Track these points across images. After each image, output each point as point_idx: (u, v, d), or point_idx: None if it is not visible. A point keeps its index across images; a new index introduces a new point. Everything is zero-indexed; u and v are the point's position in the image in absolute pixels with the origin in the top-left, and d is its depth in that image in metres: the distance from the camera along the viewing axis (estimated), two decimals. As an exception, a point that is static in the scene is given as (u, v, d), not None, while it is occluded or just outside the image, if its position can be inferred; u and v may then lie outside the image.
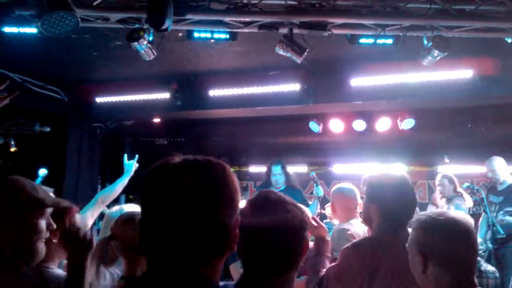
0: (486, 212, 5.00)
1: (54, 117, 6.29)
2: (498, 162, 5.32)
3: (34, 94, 5.70)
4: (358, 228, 2.97)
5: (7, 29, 3.78)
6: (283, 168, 5.45)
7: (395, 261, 2.06)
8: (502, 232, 4.71)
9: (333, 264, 2.24)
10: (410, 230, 2.12)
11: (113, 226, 2.08)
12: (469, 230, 1.66)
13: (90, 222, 3.02)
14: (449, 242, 1.62)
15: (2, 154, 6.30)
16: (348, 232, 2.90)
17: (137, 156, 3.59)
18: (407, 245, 1.75)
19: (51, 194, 2.87)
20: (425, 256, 1.63)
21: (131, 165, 3.48)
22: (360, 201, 3.18)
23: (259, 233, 1.41)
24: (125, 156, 3.63)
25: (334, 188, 3.35)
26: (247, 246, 1.40)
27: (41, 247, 1.45)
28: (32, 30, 3.81)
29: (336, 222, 3.59)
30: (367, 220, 2.39)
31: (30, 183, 1.50)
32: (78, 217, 1.79)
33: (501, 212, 5.05)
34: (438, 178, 5.71)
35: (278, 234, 1.42)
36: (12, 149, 6.08)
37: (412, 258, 1.70)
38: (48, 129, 6.15)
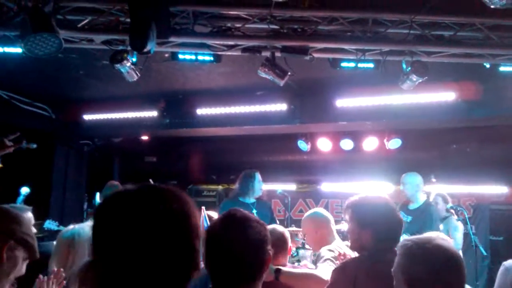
0: (469, 233, 5.01)
1: (41, 134, 6.26)
2: (410, 178, 4.97)
3: (21, 111, 5.72)
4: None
5: (-9, 49, 3.82)
6: (253, 179, 4.94)
7: (380, 282, 2.01)
8: (485, 253, 4.72)
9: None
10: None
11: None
12: (457, 259, 1.62)
13: None
14: (435, 271, 1.57)
15: (-13, 171, 6.27)
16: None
17: None
18: (392, 270, 1.71)
19: (29, 213, 2.85)
20: (410, 284, 1.60)
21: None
22: (332, 227, 3.14)
23: (224, 248, 1.54)
24: None
25: (305, 216, 3.23)
26: (214, 260, 1.54)
27: None
28: (17, 50, 3.85)
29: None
30: (358, 248, 2.31)
31: None
32: None
33: (407, 233, 4.89)
34: (431, 197, 5.49)
35: (242, 248, 1.53)
36: (-2, 166, 6.04)
37: (397, 284, 1.67)
38: (35, 146, 6.10)
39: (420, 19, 3.59)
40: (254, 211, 4.43)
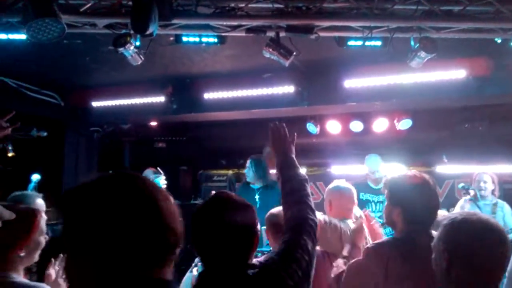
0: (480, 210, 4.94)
1: (51, 122, 6.32)
2: (371, 160, 5.17)
3: (30, 99, 5.75)
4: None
5: (-4, 36, 3.83)
6: (253, 164, 5.11)
7: (413, 266, 2.02)
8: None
9: (356, 259, 2.29)
10: (434, 232, 2.10)
11: None
12: (501, 234, 1.58)
13: None
14: (478, 243, 1.55)
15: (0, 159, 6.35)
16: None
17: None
18: (432, 243, 1.69)
19: (40, 199, 2.92)
20: (451, 254, 1.58)
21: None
22: (356, 201, 3.22)
23: (212, 231, 1.54)
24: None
25: (332, 186, 3.29)
26: (203, 243, 1.56)
27: None
28: (21, 36, 3.84)
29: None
30: (390, 224, 2.34)
31: None
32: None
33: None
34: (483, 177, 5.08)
35: (231, 231, 1.54)
36: (10, 154, 6.11)
37: (437, 255, 1.65)
38: (45, 134, 6.16)
39: (428, -7, 3.49)
40: (257, 196, 4.44)
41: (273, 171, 5.19)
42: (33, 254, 1.89)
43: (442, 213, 2.57)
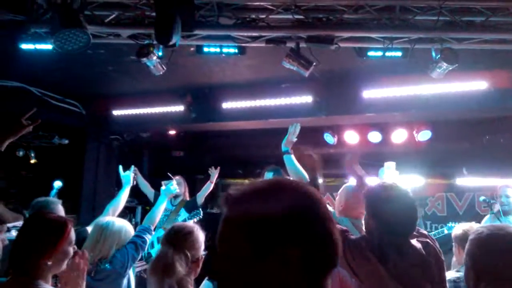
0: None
1: (73, 130, 6.44)
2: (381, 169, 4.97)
3: (53, 107, 5.86)
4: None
5: (24, 46, 3.93)
6: (271, 175, 4.88)
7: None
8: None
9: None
10: (413, 242, 2.09)
11: (176, 237, 2.14)
12: None
13: None
14: (505, 258, 1.52)
15: (22, 166, 6.49)
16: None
17: (132, 167, 3.89)
18: (464, 256, 1.68)
19: (60, 206, 2.99)
20: (478, 272, 1.56)
21: (128, 177, 3.76)
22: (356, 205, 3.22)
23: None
24: (120, 167, 3.92)
25: (348, 185, 3.37)
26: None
27: None
28: (48, 46, 3.94)
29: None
30: (368, 234, 2.34)
31: None
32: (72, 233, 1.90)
33: None
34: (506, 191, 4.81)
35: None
36: (32, 161, 6.25)
37: (466, 270, 1.63)
38: (66, 142, 6.29)
39: (450, 4, 3.48)
40: None
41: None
42: (61, 263, 1.90)
43: (470, 226, 2.55)
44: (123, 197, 3.53)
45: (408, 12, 3.59)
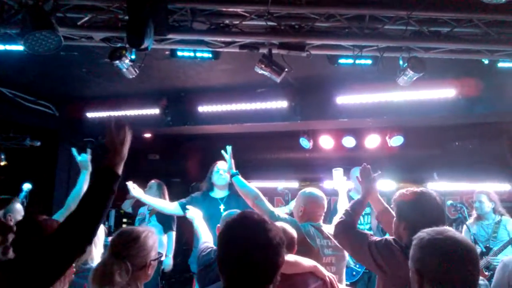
0: (468, 230, 4.99)
1: (45, 132, 6.36)
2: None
3: (25, 109, 5.79)
4: None
5: (-7, 46, 3.88)
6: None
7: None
8: (485, 250, 4.72)
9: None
10: None
11: (119, 245, 2.07)
12: (469, 251, 1.59)
13: None
14: (445, 262, 1.56)
15: (-8, 168, 6.35)
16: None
17: (89, 150, 3.53)
18: (408, 262, 1.72)
19: (17, 204, 2.90)
20: (421, 274, 1.60)
21: (86, 160, 3.44)
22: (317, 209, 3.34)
23: (244, 252, 1.52)
24: (74, 150, 3.53)
25: (305, 191, 3.42)
26: (230, 262, 1.54)
27: None
28: (19, 47, 3.89)
29: None
30: (398, 238, 2.41)
31: None
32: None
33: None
34: (479, 197, 4.94)
35: (260, 252, 1.52)
36: (2, 163, 6.13)
37: (411, 275, 1.67)
38: (38, 144, 6.20)
39: (417, 15, 3.58)
40: (222, 206, 4.37)
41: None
42: None
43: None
44: (84, 185, 3.27)
45: (377, 21, 3.68)
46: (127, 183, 4.30)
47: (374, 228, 4.94)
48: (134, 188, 4.29)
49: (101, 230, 2.94)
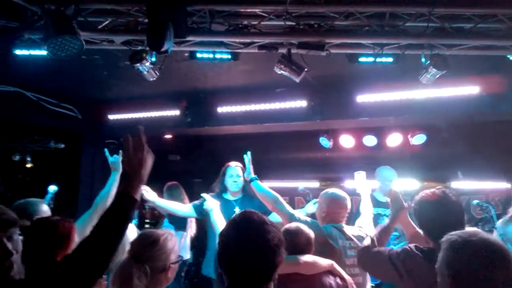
0: (496, 230, 4.85)
1: (69, 135, 6.48)
2: (387, 171, 5.08)
3: (49, 112, 5.90)
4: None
5: (18, 52, 3.97)
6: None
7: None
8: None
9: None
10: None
11: (138, 248, 2.08)
12: (505, 253, 1.55)
13: (90, 229, 3.06)
14: (481, 265, 1.52)
15: (19, 170, 6.51)
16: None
17: (121, 151, 3.44)
18: (436, 266, 1.67)
19: (44, 206, 2.89)
20: (455, 279, 1.56)
21: (117, 162, 3.48)
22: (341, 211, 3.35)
23: (243, 252, 1.60)
24: (106, 151, 3.61)
25: (327, 191, 3.43)
26: (232, 263, 1.62)
27: None
28: (42, 52, 3.97)
29: None
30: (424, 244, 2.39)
31: None
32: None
33: None
34: None
35: (260, 252, 1.61)
36: (28, 165, 6.28)
37: (442, 280, 1.63)
38: (62, 146, 6.33)
39: (439, 11, 3.52)
40: (237, 208, 4.35)
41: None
42: None
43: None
44: (114, 186, 3.30)
45: (398, 18, 3.62)
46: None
47: (400, 231, 4.87)
48: (147, 192, 4.23)
49: (133, 228, 2.95)
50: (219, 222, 3.23)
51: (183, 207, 4.67)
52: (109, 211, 1.65)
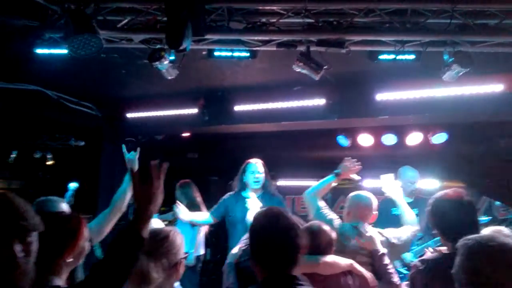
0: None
1: (88, 132, 6.56)
2: (411, 172, 5.09)
3: (69, 110, 5.98)
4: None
5: (39, 51, 4.02)
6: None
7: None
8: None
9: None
10: None
11: (150, 244, 2.04)
12: None
13: (109, 228, 3.07)
14: (501, 271, 1.48)
15: (39, 167, 6.62)
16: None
17: (138, 148, 3.57)
18: (452, 271, 1.63)
19: (64, 204, 2.89)
20: (474, 285, 1.52)
21: (134, 159, 3.51)
22: (375, 211, 3.40)
23: (273, 237, 1.84)
24: (124, 147, 3.58)
25: (352, 194, 3.51)
26: (265, 248, 1.85)
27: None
28: (63, 51, 4.02)
29: None
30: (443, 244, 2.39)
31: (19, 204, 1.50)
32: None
33: None
34: None
35: (288, 236, 1.84)
36: (49, 162, 6.38)
37: (458, 285, 1.59)
38: (82, 143, 6.41)
39: (462, 7, 3.43)
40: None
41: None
42: (78, 259, 1.97)
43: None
44: (129, 184, 3.20)
45: (420, 15, 3.55)
46: (174, 206, 4.40)
47: (423, 230, 4.78)
48: (181, 212, 4.43)
49: (159, 222, 2.98)
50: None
51: (205, 216, 4.87)
52: (116, 250, 1.59)
